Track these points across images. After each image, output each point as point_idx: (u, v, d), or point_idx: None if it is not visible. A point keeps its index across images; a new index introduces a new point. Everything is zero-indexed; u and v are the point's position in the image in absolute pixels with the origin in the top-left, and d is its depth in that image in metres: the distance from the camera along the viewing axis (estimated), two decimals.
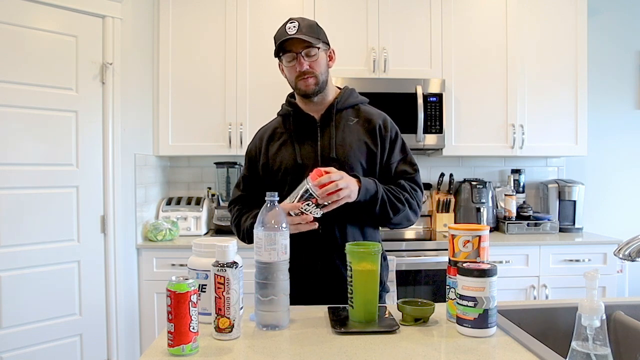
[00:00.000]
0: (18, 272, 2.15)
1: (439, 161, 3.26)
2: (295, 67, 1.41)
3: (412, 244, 2.67)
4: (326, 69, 1.46)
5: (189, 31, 2.87)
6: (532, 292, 2.69)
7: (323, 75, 1.44)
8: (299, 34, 1.37)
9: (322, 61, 1.43)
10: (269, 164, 1.50)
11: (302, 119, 1.49)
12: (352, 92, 1.54)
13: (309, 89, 1.43)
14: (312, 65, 1.41)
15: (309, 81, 1.42)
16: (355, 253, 1.14)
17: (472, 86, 2.95)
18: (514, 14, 2.96)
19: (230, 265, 1.02)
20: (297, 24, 1.39)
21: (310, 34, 1.39)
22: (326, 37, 1.48)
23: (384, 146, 1.48)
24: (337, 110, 1.49)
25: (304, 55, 1.40)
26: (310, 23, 1.42)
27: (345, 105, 1.50)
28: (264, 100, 2.84)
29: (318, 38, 1.41)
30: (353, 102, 1.52)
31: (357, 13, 2.91)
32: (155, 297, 2.63)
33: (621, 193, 3.37)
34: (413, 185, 1.48)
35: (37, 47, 2.21)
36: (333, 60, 1.50)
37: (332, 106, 1.48)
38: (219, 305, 1.02)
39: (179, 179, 3.21)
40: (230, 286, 1.02)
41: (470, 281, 1.04)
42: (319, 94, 1.46)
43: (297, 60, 1.40)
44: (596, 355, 0.86)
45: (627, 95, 3.36)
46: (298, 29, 1.38)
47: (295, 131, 1.49)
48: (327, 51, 1.47)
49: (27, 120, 2.18)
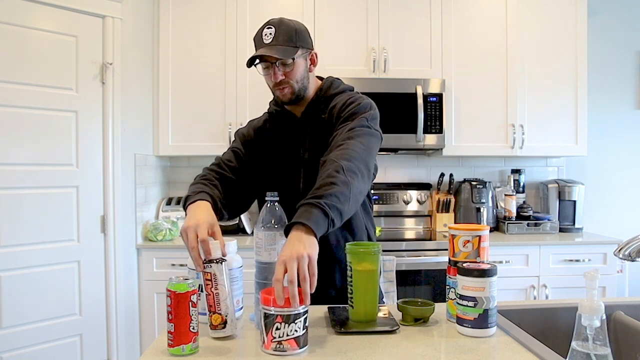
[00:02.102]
0: (18, 272, 2.15)
1: (439, 161, 3.26)
2: (270, 76, 1.35)
3: (412, 244, 2.67)
4: (305, 75, 1.38)
5: (189, 31, 2.87)
6: (532, 292, 2.69)
7: (300, 82, 1.36)
8: (275, 43, 1.30)
9: (299, 69, 1.35)
10: (258, 156, 1.44)
11: (285, 118, 1.46)
12: (333, 82, 1.45)
13: (285, 98, 1.38)
14: (287, 74, 1.34)
15: (285, 91, 1.36)
16: (355, 253, 1.14)
17: (472, 86, 2.95)
18: (514, 14, 2.96)
19: (216, 261, 1.02)
20: (273, 31, 1.31)
21: (286, 44, 1.31)
22: (308, 40, 1.39)
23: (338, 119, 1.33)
24: (318, 107, 1.42)
25: (279, 65, 1.33)
26: (289, 28, 1.33)
27: (326, 99, 1.42)
28: (264, 100, 2.80)
29: (295, 46, 1.33)
30: (333, 93, 1.43)
31: (357, 13, 2.91)
32: (155, 297, 2.63)
33: (621, 193, 3.37)
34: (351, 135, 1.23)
35: (37, 47, 2.21)
36: (315, 64, 1.41)
37: (312, 102, 1.42)
38: (209, 302, 1.02)
39: (179, 179, 3.21)
40: (218, 282, 1.02)
41: (470, 281, 1.04)
42: (298, 100, 1.40)
43: (272, 70, 1.34)
44: (596, 355, 0.86)
45: (627, 95, 3.36)
46: (274, 37, 1.31)
47: (279, 131, 1.45)
48: (308, 55, 1.39)
49: (27, 120, 2.18)
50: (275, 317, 0.94)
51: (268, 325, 0.95)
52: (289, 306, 0.93)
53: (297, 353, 0.95)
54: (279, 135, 1.45)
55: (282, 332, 0.94)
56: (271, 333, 0.94)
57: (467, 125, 2.95)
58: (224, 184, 1.37)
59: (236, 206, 1.42)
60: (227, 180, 1.39)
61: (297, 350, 0.95)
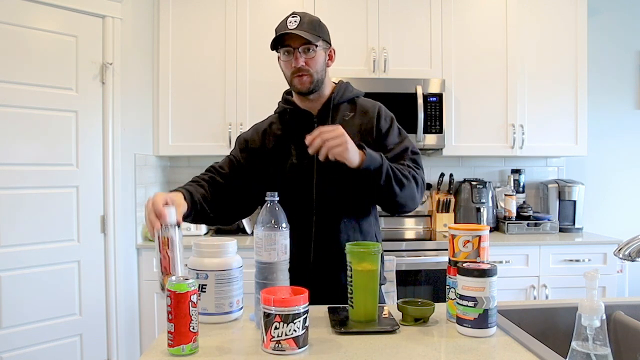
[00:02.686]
0: (18, 272, 2.15)
1: (439, 161, 3.25)
2: (291, 63, 1.39)
3: (412, 244, 2.67)
4: (323, 68, 1.43)
5: (189, 31, 2.87)
6: (532, 292, 2.69)
7: (319, 74, 1.41)
8: (299, 29, 1.35)
9: (319, 59, 1.40)
10: (264, 158, 1.47)
11: (299, 115, 1.47)
12: (348, 85, 1.52)
13: (303, 87, 1.40)
14: (308, 62, 1.38)
15: (303, 79, 1.39)
16: (355, 253, 1.14)
17: (472, 86, 2.95)
18: (514, 14, 2.96)
19: (172, 226, 1.09)
20: (298, 19, 1.36)
21: (310, 31, 1.36)
22: (328, 35, 1.45)
23: (380, 135, 1.44)
24: (334, 106, 1.47)
25: (302, 51, 1.37)
26: (312, 19, 1.40)
27: (342, 100, 1.48)
28: (264, 100, 2.82)
29: (318, 36, 1.38)
30: (349, 96, 1.49)
31: (357, 13, 2.91)
32: (155, 297, 2.63)
33: (621, 193, 3.37)
34: (414, 165, 1.42)
35: (37, 47, 2.21)
36: (332, 60, 1.47)
37: (328, 101, 1.46)
38: (164, 265, 1.07)
39: (179, 179, 3.21)
40: (174, 245, 1.08)
41: (470, 281, 1.04)
42: (314, 93, 1.43)
43: (293, 56, 1.38)
44: (596, 355, 0.86)
45: (627, 95, 3.36)
46: (299, 24, 1.35)
47: (292, 128, 1.47)
48: (327, 50, 1.44)
49: (27, 120, 2.18)
50: (274, 317, 0.94)
51: (267, 325, 0.95)
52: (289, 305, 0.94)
53: (296, 353, 0.95)
54: (291, 132, 1.47)
55: (281, 332, 0.94)
56: (270, 332, 0.94)
57: (467, 125, 2.95)
58: (212, 186, 1.43)
59: (227, 208, 1.46)
60: (217, 183, 1.45)
61: (296, 350, 0.95)
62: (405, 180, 1.33)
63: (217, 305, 1.14)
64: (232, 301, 1.16)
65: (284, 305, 0.93)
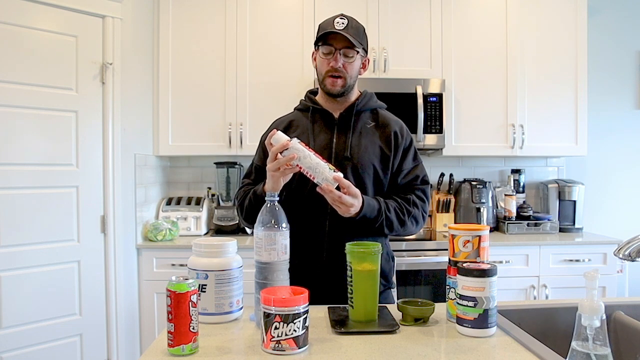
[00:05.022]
0: (18, 272, 2.15)
1: (439, 161, 3.25)
2: (329, 62, 1.42)
3: (412, 244, 2.67)
4: (356, 75, 1.47)
5: (189, 31, 2.87)
6: (532, 292, 2.69)
7: (352, 79, 1.45)
8: (346, 32, 1.38)
9: (356, 65, 1.45)
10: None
11: (321, 114, 1.50)
12: (372, 96, 1.56)
13: (335, 89, 1.44)
14: (346, 65, 1.42)
15: (337, 81, 1.43)
16: (355, 253, 1.14)
17: (472, 86, 2.95)
18: (514, 14, 2.96)
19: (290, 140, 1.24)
20: (346, 22, 1.41)
21: (355, 36, 1.40)
22: (367, 44, 1.50)
23: (397, 152, 1.49)
24: (357, 112, 1.50)
25: (342, 53, 1.41)
26: (359, 25, 1.45)
27: (365, 108, 1.52)
28: (264, 100, 2.84)
29: (360, 43, 1.42)
30: (372, 106, 1.53)
31: (357, 13, 2.87)
32: (155, 297, 2.63)
33: (621, 193, 3.37)
34: (421, 196, 1.49)
35: (37, 47, 2.21)
36: (365, 69, 1.52)
37: (352, 107, 1.49)
38: (320, 159, 1.26)
39: (179, 179, 3.21)
40: (303, 155, 1.24)
41: (470, 281, 1.04)
42: (342, 96, 1.47)
43: (333, 56, 1.41)
44: (596, 355, 0.86)
45: (627, 95, 3.36)
46: (346, 26, 1.40)
47: (312, 126, 1.49)
48: (363, 58, 1.49)
49: (27, 120, 2.18)
50: (274, 317, 0.94)
51: (267, 325, 0.95)
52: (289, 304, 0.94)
53: (296, 353, 0.95)
54: (310, 130, 1.49)
55: (281, 332, 0.94)
56: (270, 332, 0.95)
57: (467, 125, 2.95)
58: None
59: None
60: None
61: (296, 350, 0.95)
62: (402, 223, 1.43)
63: (217, 305, 1.14)
64: (232, 301, 1.16)
65: (284, 305, 0.94)
